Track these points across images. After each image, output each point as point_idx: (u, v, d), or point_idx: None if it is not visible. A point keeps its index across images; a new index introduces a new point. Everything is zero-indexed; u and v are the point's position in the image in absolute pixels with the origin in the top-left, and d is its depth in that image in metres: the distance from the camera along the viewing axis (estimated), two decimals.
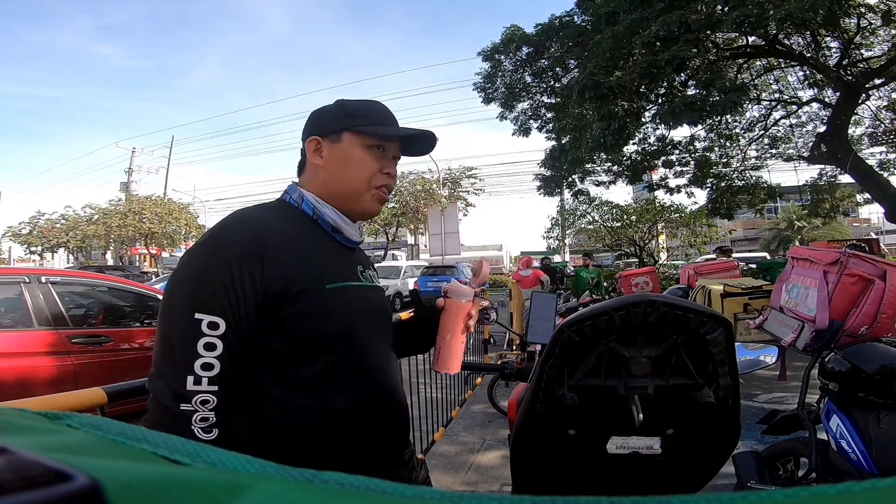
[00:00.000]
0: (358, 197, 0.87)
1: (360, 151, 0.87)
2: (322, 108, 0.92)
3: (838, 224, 20.96)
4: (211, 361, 0.68)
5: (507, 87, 10.57)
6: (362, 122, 0.87)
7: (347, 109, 0.88)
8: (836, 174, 10.60)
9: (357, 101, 0.90)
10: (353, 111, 0.88)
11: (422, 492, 0.18)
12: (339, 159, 0.87)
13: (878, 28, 7.98)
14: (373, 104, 0.91)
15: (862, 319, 1.57)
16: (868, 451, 1.40)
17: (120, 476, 0.15)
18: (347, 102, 0.90)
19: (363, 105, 0.90)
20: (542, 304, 1.39)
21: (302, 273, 0.77)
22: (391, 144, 0.89)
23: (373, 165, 0.87)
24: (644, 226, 15.59)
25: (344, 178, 0.87)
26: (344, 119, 0.87)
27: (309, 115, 0.92)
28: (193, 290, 0.71)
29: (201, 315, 0.69)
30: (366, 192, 0.87)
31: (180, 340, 0.69)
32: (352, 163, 0.86)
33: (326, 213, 0.85)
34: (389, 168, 0.89)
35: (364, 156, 0.87)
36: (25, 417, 0.24)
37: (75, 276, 3.75)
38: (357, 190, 0.87)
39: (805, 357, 1.78)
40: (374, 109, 0.90)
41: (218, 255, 0.73)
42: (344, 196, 0.87)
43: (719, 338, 0.85)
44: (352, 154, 0.86)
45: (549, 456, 0.98)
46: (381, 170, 0.88)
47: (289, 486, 0.18)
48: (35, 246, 23.22)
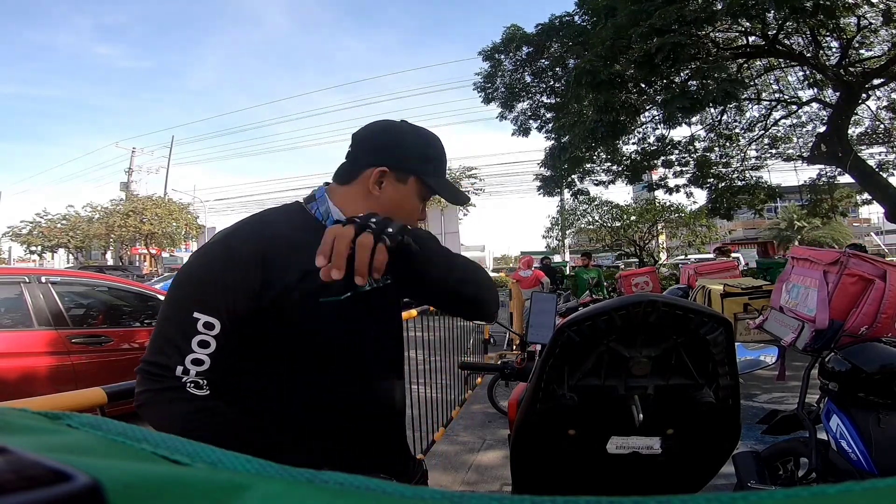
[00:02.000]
0: None
1: (416, 200, 0.88)
2: (403, 132, 0.87)
3: (838, 224, 20.94)
4: (202, 357, 0.70)
5: (506, 87, 10.58)
6: (429, 169, 0.87)
7: (428, 154, 0.87)
8: (835, 174, 10.60)
9: (436, 144, 0.89)
10: (429, 155, 0.87)
11: (422, 492, 0.18)
12: (396, 201, 0.85)
13: (879, 28, 7.98)
14: (439, 146, 0.90)
15: (862, 319, 1.57)
16: (868, 451, 1.40)
17: (120, 476, 0.15)
18: (431, 143, 0.88)
19: (439, 150, 0.89)
20: (541, 304, 1.39)
21: (299, 284, 0.75)
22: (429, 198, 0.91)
23: (419, 215, 0.90)
24: (644, 226, 15.59)
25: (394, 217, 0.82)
26: (419, 163, 0.86)
27: (383, 129, 0.88)
28: (195, 288, 0.73)
29: (199, 314, 0.71)
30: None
31: (176, 334, 0.71)
32: (405, 208, 0.86)
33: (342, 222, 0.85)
34: (424, 215, 0.92)
35: (417, 205, 0.88)
36: (25, 417, 0.24)
37: (75, 276, 3.75)
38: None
39: (805, 357, 1.78)
40: (439, 156, 0.89)
41: (222, 256, 0.74)
42: None
43: (719, 338, 0.85)
44: (410, 200, 0.86)
45: (549, 456, 0.98)
46: (420, 217, 0.91)
47: (289, 486, 0.18)
48: (35, 246, 23.22)
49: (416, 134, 0.87)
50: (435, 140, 0.89)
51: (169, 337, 0.71)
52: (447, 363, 3.64)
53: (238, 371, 0.77)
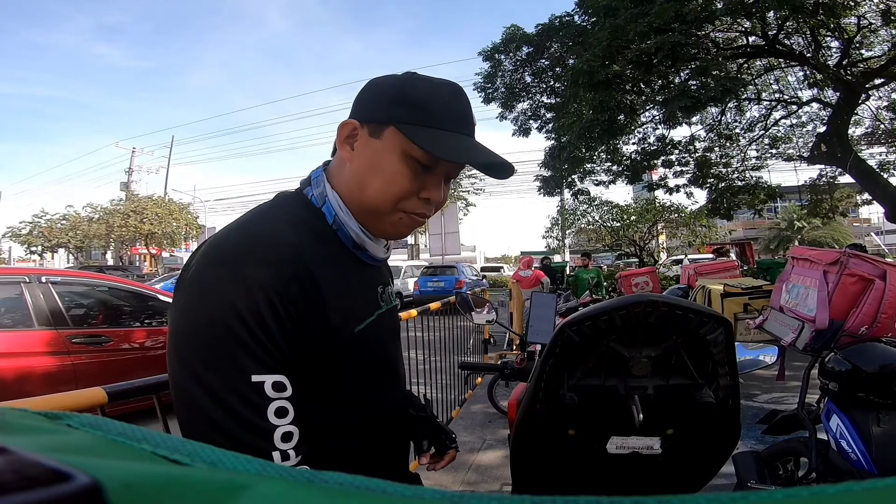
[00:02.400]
0: (378, 216, 0.67)
1: (396, 160, 0.64)
2: (384, 78, 0.69)
3: (838, 224, 20.95)
4: (290, 430, 0.54)
5: (506, 87, 10.59)
6: (415, 116, 0.64)
7: (405, 93, 0.65)
8: (835, 174, 10.61)
9: (425, 83, 0.67)
10: (409, 97, 0.64)
11: (422, 492, 0.18)
12: (371, 161, 0.65)
13: (879, 28, 7.99)
14: (443, 91, 0.66)
15: (862, 319, 1.57)
16: (868, 451, 1.40)
17: (120, 476, 0.15)
18: (412, 82, 0.66)
19: (429, 90, 0.65)
20: (542, 304, 1.39)
21: (333, 313, 0.62)
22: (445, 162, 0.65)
23: (407, 183, 0.65)
24: (644, 226, 15.60)
25: (369, 186, 0.66)
26: (394, 105, 0.64)
27: (366, 83, 0.70)
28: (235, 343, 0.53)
29: (259, 377, 0.53)
30: (390, 214, 0.67)
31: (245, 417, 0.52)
32: (382, 170, 0.65)
33: (350, 225, 0.67)
34: (431, 191, 0.66)
35: (400, 167, 0.64)
36: (25, 417, 0.24)
37: (75, 276, 3.75)
38: (378, 207, 0.66)
39: (805, 357, 1.78)
40: (440, 102, 0.65)
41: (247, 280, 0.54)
42: (363, 208, 0.67)
43: (719, 338, 0.85)
44: (386, 159, 0.65)
45: (549, 456, 0.98)
46: (420, 192, 0.66)
47: (289, 485, 0.18)
48: (35, 246, 23.24)
49: (402, 78, 0.67)
50: (438, 85, 0.67)
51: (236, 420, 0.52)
52: (447, 363, 3.64)
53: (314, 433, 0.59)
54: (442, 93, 0.66)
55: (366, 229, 0.69)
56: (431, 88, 0.66)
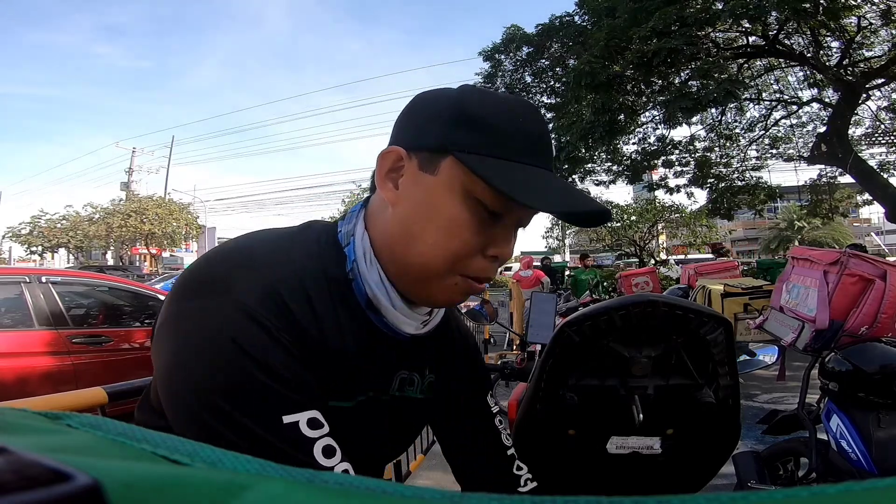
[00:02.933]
0: (428, 279, 0.52)
1: (457, 203, 0.49)
2: (435, 92, 0.54)
3: (838, 224, 20.96)
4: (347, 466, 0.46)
5: (507, 88, 10.59)
6: (482, 142, 0.48)
7: (466, 111, 0.49)
8: (835, 174, 10.61)
9: (491, 98, 0.51)
10: (473, 116, 0.49)
11: (422, 492, 0.18)
12: (421, 204, 0.50)
13: (879, 28, 7.99)
14: (515, 109, 0.51)
15: (862, 319, 1.57)
16: (868, 451, 1.40)
17: (120, 476, 0.15)
18: (475, 96, 0.51)
19: (497, 106, 0.50)
20: (542, 305, 1.39)
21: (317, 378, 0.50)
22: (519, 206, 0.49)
23: (471, 236, 0.50)
24: (644, 226, 15.61)
25: (418, 239, 0.50)
26: (453, 127, 0.49)
27: (412, 99, 0.55)
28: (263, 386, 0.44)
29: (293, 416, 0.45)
30: (444, 278, 0.51)
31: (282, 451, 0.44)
32: (437, 217, 0.49)
33: (368, 279, 0.53)
34: (501, 246, 0.51)
35: (462, 213, 0.49)
36: (25, 417, 0.24)
37: (75, 276, 3.75)
38: (431, 267, 0.51)
39: (805, 357, 1.78)
40: (512, 122, 0.50)
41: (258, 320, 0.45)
42: (408, 267, 0.52)
43: (719, 338, 0.85)
44: (443, 202, 0.49)
45: (549, 456, 0.98)
46: (486, 247, 0.51)
47: (289, 485, 0.18)
48: (35, 246, 23.25)
49: (460, 91, 0.52)
50: (496, 98, 0.52)
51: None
52: None
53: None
54: (514, 110, 0.51)
55: (406, 293, 0.54)
56: (499, 104, 0.50)
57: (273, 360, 0.45)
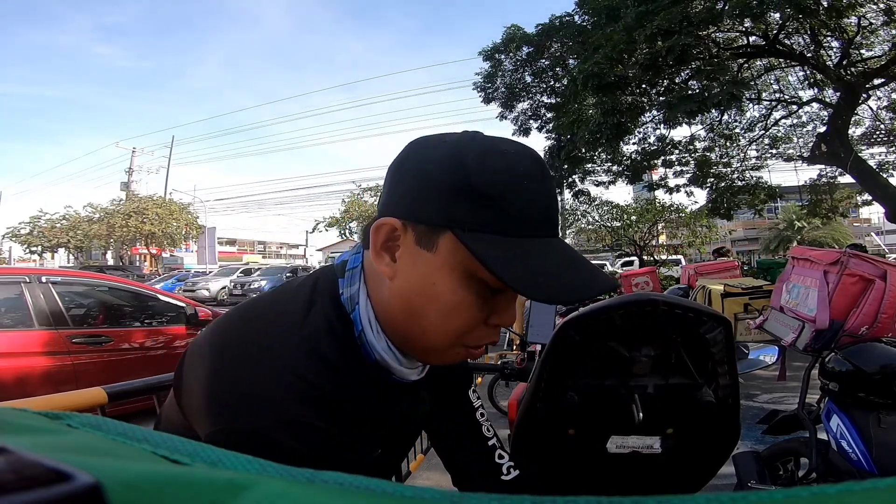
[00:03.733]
0: (430, 351, 0.53)
1: (457, 282, 0.47)
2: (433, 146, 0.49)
3: (838, 224, 20.96)
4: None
5: (507, 87, 10.61)
6: (483, 218, 0.45)
7: (469, 179, 0.45)
8: (835, 174, 10.62)
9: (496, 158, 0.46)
10: (476, 186, 0.45)
11: (422, 492, 0.18)
12: (420, 282, 0.48)
13: (879, 28, 7.99)
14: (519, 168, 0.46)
15: (862, 319, 1.57)
16: (868, 451, 1.40)
17: (120, 476, 0.15)
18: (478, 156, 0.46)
19: (502, 169, 0.46)
20: (542, 305, 1.39)
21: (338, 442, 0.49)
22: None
23: (473, 313, 0.49)
24: (644, 226, 15.60)
25: (419, 317, 0.50)
26: (452, 199, 0.45)
27: (410, 148, 0.51)
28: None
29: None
30: (448, 350, 0.52)
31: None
32: (437, 297, 0.48)
33: (376, 348, 0.53)
34: (503, 316, 0.51)
35: (463, 293, 0.47)
36: (25, 417, 0.24)
37: (75, 276, 3.75)
38: (432, 344, 0.51)
39: (805, 357, 1.78)
40: (517, 189, 0.46)
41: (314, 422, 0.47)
42: (409, 341, 0.53)
43: (719, 337, 0.85)
44: (443, 281, 0.47)
45: (549, 456, 0.98)
46: (488, 319, 0.50)
47: (289, 485, 0.18)
48: (35, 246, 23.25)
49: (459, 148, 0.47)
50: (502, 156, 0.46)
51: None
52: None
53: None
54: (519, 172, 0.46)
55: (407, 354, 0.55)
56: (504, 166, 0.46)
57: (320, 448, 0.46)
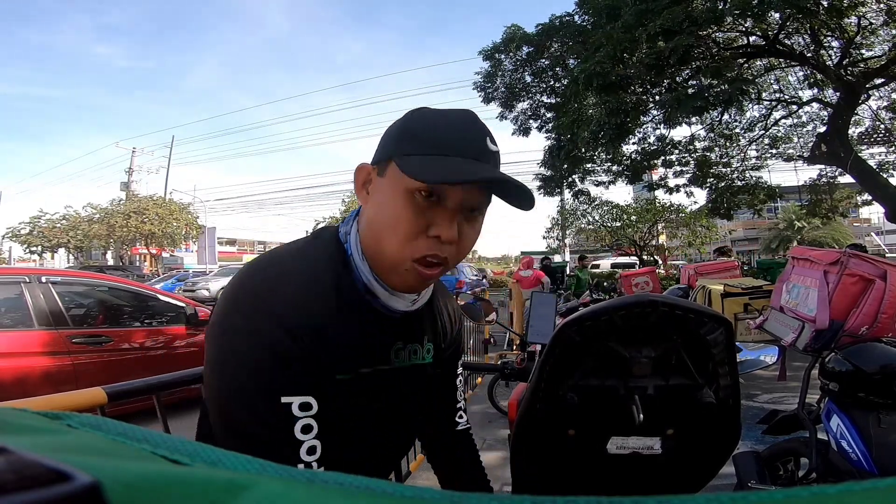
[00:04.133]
0: (392, 266, 0.62)
1: (398, 196, 0.59)
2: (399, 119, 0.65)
3: (838, 224, 20.96)
4: (313, 444, 0.57)
5: (506, 87, 10.61)
6: (415, 147, 0.59)
7: (407, 125, 0.62)
8: (835, 174, 10.61)
9: (431, 113, 0.63)
10: (411, 128, 0.61)
11: (422, 492, 0.18)
12: (379, 202, 0.62)
13: (879, 28, 7.99)
14: (450, 118, 0.61)
15: (862, 319, 1.57)
16: (868, 451, 1.40)
17: (120, 476, 0.15)
18: (418, 114, 0.63)
19: (434, 119, 0.61)
20: (542, 304, 1.39)
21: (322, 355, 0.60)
22: (454, 189, 0.58)
23: (410, 221, 0.58)
24: (644, 226, 15.59)
25: (379, 231, 0.61)
26: (397, 140, 0.61)
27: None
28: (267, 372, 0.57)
29: (287, 398, 0.57)
30: (399, 265, 0.61)
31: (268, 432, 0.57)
32: (387, 211, 0.60)
33: (362, 270, 0.64)
34: (441, 227, 0.58)
35: (402, 203, 0.59)
36: (25, 417, 0.24)
37: (75, 276, 3.75)
38: (389, 260, 0.61)
39: (805, 357, 1.78)
40: (443, 128, 0.60)
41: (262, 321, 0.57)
42: (376, 256, 0.63)
43: (719, 338, 0.85)
44: (390, 197, 0.60)
45: (549, 456, 0.98)
46: (428, 228, 0.59)
47: (289, 485, 0.18)
48: (35, 246, 23.24)
49: (409, 112, 0.64)
50: (444, 114, 0.62)
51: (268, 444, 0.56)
52: None
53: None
54: (448, 119, 0.61)
55: (380, 280, 0.64)
56: (437, 117, 0.61)
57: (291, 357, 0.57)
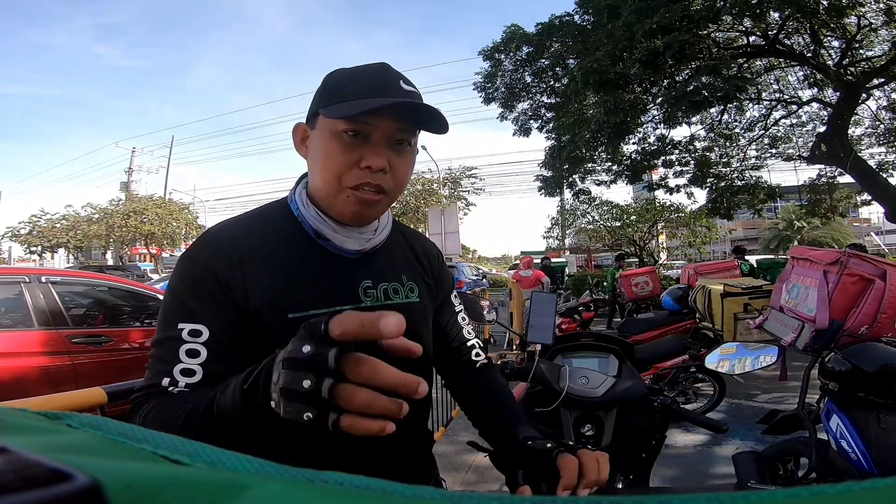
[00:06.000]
0: (331, 200, 0.70)
1: (327, 139, 0.68)
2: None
3: (838, 224, 20.96)
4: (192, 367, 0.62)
5: (507, 87, 10.59)
6: (334, 98, 0.67)
7: (326, 83, 0.70)
8: (835, 174, 10.61)
9: (346, 69, 0.71)
10: (329, 85, 0.70)
11: (422, 491, 0.18)
12: (314, 151, 0.71)
13: (879, 28, 7.98)
14: (362, 69, 0.70)
15: (862, 319, 1.57)
16: (868, 451, 1.40)
17: (120, 476, 0.15)
18: (334, 73, 0.71)
19: (348, 73, 0.70)
20: (541, 304, 1.39)
21: (267, 295, 0.66)
22: (376, 125, 0.66)
23: (341, 157, 0.67)
24: (644, 226, 15.59)
25: (317, 174, 0.71)
26: (320, 96, 0.70)
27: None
28: (174, 302, 0.66)
29: (183, 324, 0.64)
30: (338, 194, 0.69)
31: (162, 351, 0.64)
32: (320, 155, 0.69)
33: (308, 215, 0.72)
34: (369, 158, 0.66)
35: (331, 145, 0.67)
36: (25, 417, 0.24)
37: (75, 276, 3.75)
38: (328, 191, 0.70)
39: (805, 357, 1.78)
40: (355, 77, 0.68)
41: (194, 260, 0.67)
42: (320, 197, 0.72)
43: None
44: (321, 143, 0.69)
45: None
46: (359, 161, 0.67)
47: (289, 485, 0.18)
48: (35, 246, 23.21)
49: (329, 73, 0.73)
50: (357, 68, 0.70)
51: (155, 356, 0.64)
52: None
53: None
54: (363, 70, 0.69)
55: (332, 219, 0.72)
56: (353, 71, 0.70)
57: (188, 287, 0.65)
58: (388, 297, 0.75)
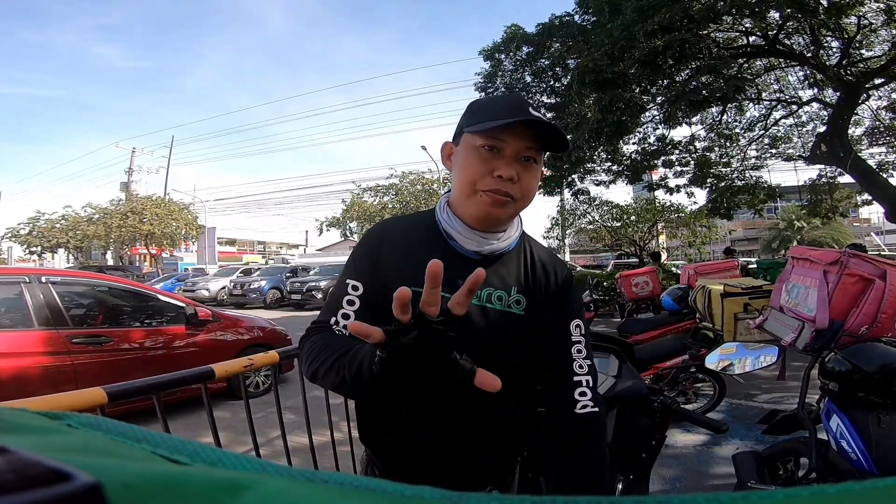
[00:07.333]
0: (464, 202, 0.83)
1: (467, 153, 0.81)
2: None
3: (838, 224, 20.96)
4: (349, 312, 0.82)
5: (507, 87, 10.58)
6: (475, 118, 0.81)
7: (471, 107, 0.85)
8: (835, 174, 10.61)
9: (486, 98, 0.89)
10: (473, 108, 0.84)
11: (422, 491, 0.18)
12: (456, 164, 0.85)
13: (879, 28, 7.98)
14: (500, 98, 0.87)
15: (862, 319, 1.57)
16: (868, 451, 1.40)
17: (120, 476, 0.15)
18: (477, 100, 0.87)
19: (488, 100, 0.86)
20: None
21: (396, 270, 0.82)
22: (508, 142, 0.79)
23: (477, 167, 0.80)
24: (644, 226, 15.59)
25: (457, 183, 0.84)
26: (464, 118, 0.84)
27: None
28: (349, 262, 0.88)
29: (349, 280, 0.84)
30: (472, 195, 0.81)
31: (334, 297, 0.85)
32: (461, 166, 0.83)
33: (443, 218, 0.86)
34: (503, 169, 0.78)
35: (470, 157, 0.81)
36: (25, 417, 0.24)
37: (75, 276, 3.75)
38: (465, 194, 0.82)
39: (805, 357, 1.78)
40: (494, 103, 0.84)
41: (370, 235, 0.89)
42: (458, 202, 0.84)
43: None
44: (462, 156, 0.82)
45: None
46: (492, 171, 0.79)
47: (289, 485, 0.18)
48: (35, 246, 23.19)
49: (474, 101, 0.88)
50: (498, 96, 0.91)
51: (329, 301, 0.85)
52: None
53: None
54: (498, 97, 0.87)
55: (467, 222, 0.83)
56: (490, 98, 0.88)
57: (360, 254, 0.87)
58: (490, 301, 0.83)
